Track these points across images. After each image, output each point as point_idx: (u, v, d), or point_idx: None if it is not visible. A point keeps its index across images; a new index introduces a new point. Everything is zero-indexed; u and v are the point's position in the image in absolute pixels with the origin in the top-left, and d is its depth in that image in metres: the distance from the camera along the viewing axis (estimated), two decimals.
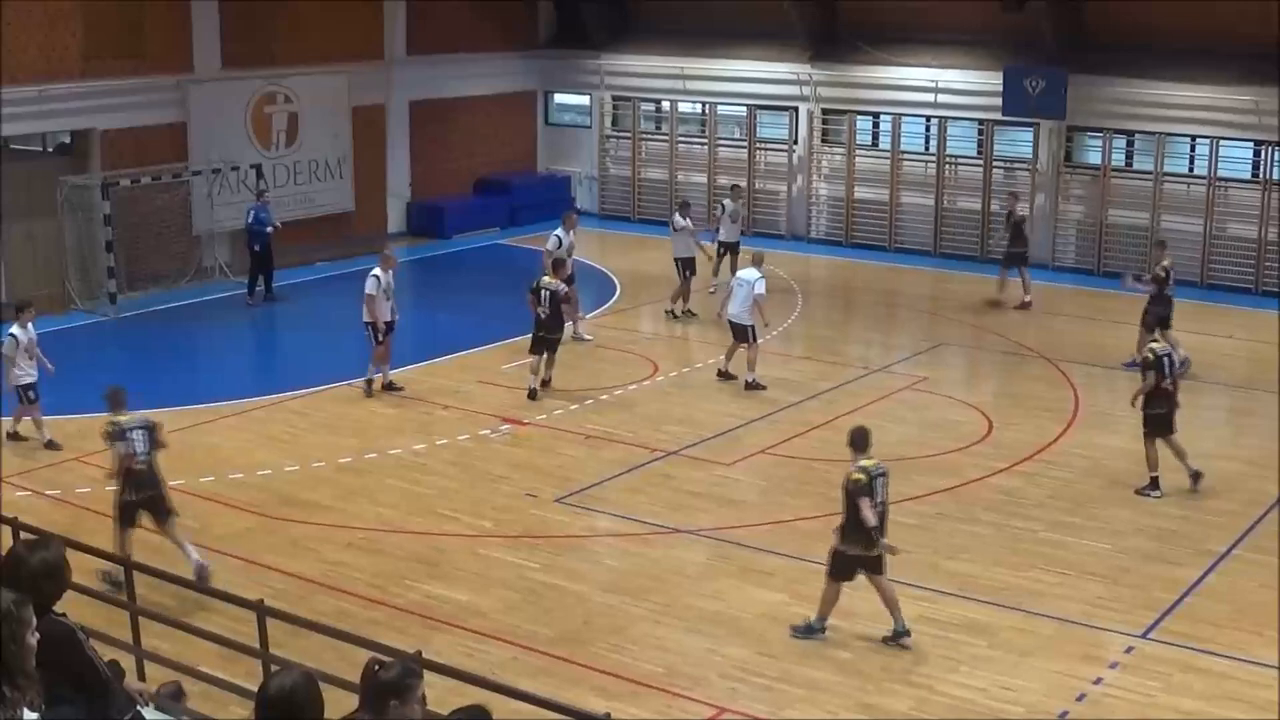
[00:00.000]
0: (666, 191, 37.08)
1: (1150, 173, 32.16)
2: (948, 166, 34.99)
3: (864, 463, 14.75)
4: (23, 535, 13.08)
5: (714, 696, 13.78)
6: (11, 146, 30.13)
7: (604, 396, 23.08)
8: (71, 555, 7.93)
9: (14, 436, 21.20)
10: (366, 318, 23.25)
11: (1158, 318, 23.89)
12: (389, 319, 23.33)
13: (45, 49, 29.22)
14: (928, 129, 35.42)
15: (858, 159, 36.06)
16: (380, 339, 23.31)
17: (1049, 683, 13.95)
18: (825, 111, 36.45)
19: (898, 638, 14.83)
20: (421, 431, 21.90)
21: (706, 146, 38.34)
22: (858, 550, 14.72)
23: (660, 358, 25.30)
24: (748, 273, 24.02)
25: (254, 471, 20.11)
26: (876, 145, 36.32)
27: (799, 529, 17.90)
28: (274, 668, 11.03)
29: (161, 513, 16.30)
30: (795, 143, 36.91)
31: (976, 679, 14.01)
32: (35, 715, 5.66)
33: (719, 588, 16.28)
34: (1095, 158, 33.31)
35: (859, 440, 14.93)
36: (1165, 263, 24.75)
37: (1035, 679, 14.02)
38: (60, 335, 26.52)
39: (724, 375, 23.99)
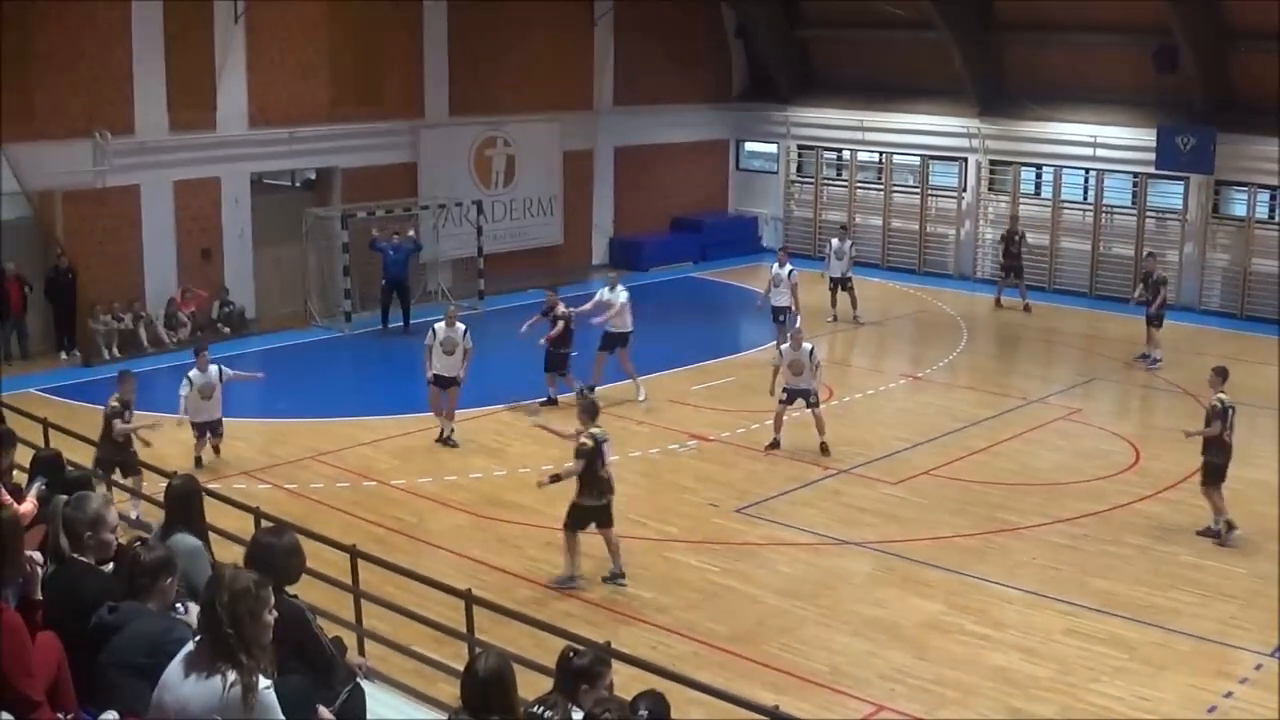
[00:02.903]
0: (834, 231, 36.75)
1: None
2: (1104, 215, 34.36)
3: (594, 430, 16.23)
4: (262, 523, 13.43)
5: (874, 695, 13.63)
6: (265, 181, 31.01)
7: (784, 418, 22.97)
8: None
9: (198, 462, 20.33)
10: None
11: (1151, 317, 27.03)
12: (439, 373, 21.58)
13: (296, 97, 30.07)
14: (1086, 181, 34.77)
15: (1021, 207, 35.53)
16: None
17: (1183, 695, 13.59)
18: (992, 162, 36.00)
19: (614, 578, 16.27)
20: (617, 444, 21.75)
21: (882, 192, 38.08)
22: (591, 502, 16.14)
23: (835, 383, 25.08)
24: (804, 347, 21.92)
25: (467, 474, 20.37)
26: (1039, 194, 35.73)
27: (958, 545, 17.67)
28: (477, 650, 11.18)
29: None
30: (964, 190, 36.49)
31: (1116, 689, 13.69)
32: (268, 682, 5.80)
33: (882, 596, 16.12)
34: (1240, 210, 32.44)
35: (590, 410, 16.67)
36: (1152, 271, 27.57)
37: (1170, 691, 13.66)
38: (302, 349, 27.23)
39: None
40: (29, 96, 25.57)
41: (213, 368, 20.39)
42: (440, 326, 21.91)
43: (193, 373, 20.26)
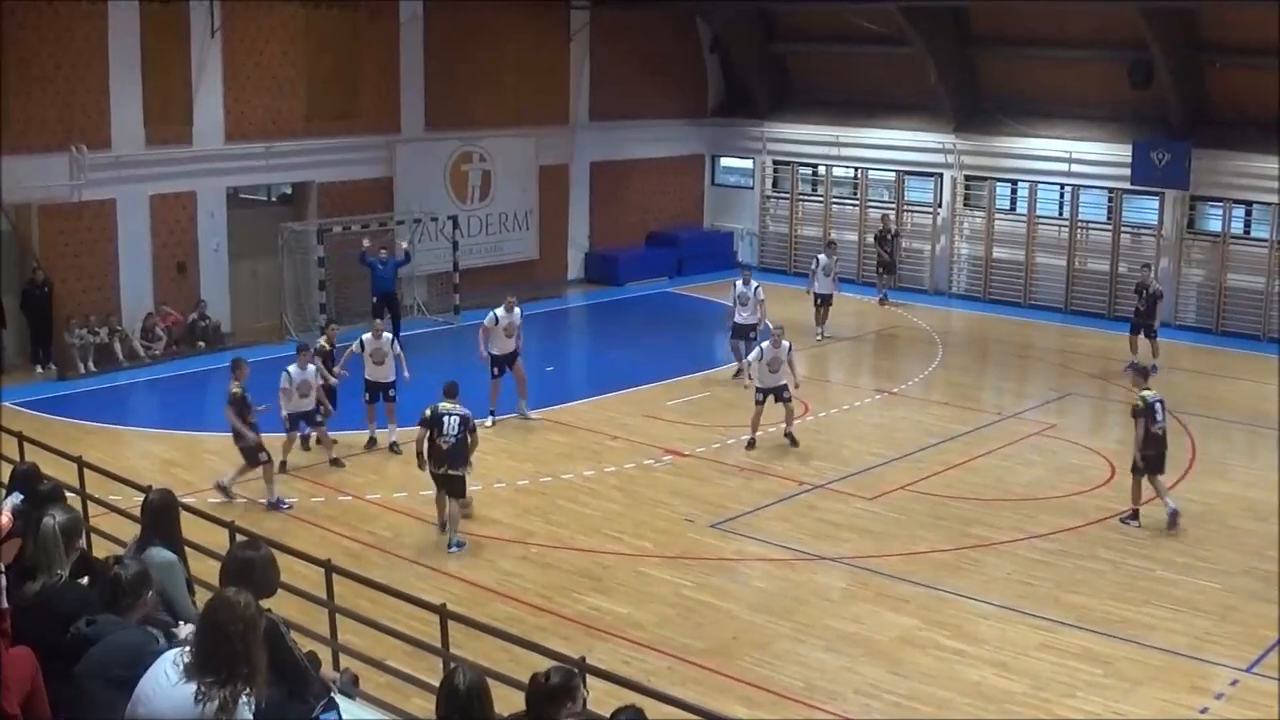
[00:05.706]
0: (821, 248, 36.80)
1: (1266, 240, 31.48)
2: (1079, 231, 34.52)
3: (443, 404, 17.85)
4: (238, 537, 13.41)
5: (849, 710, 13.66)
6: (241, 196, 30.99)
7: (758, 433, 23.01)
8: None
9: (283, 466, 20.75)
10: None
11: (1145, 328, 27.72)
12: (370, 379, 22.29)
13: (272, 111, 30.09)
14: (1061, 196, 34.91)
15: (996, 222, 35.71)
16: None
17: (1158, 710, 13.63)
18: (967, 178, 36.17)
19: (451, 545, 17.73)
20: (592, 459, 22.04)
21: (858, 208, 38.21)
22: (432, 469, 17.84)
23: (810, 399, 25.14)
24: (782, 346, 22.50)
25: None
26: (1014, 210, 35.86)
27: (933, 560, 17.73)
28: (452, 664, 11.19)
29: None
30: (939, 206, 36.64)
31: (1091, 704, 13.74)
32: (247, 700, 5.81)
33: (857, 611, 16.16)
34: (1216, 225, 32.60)
35: (449, 390, 18.10)
36: (1148, 283, 28.15)
37: (1146, 706, 13.71)
38: (276, 362, 26.98)
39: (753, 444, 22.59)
40: (5, 110, 25.49)
41: (310, 366, 21.13)
42: (367, 338, 22.48)
43: (292, 368, 20.91)
